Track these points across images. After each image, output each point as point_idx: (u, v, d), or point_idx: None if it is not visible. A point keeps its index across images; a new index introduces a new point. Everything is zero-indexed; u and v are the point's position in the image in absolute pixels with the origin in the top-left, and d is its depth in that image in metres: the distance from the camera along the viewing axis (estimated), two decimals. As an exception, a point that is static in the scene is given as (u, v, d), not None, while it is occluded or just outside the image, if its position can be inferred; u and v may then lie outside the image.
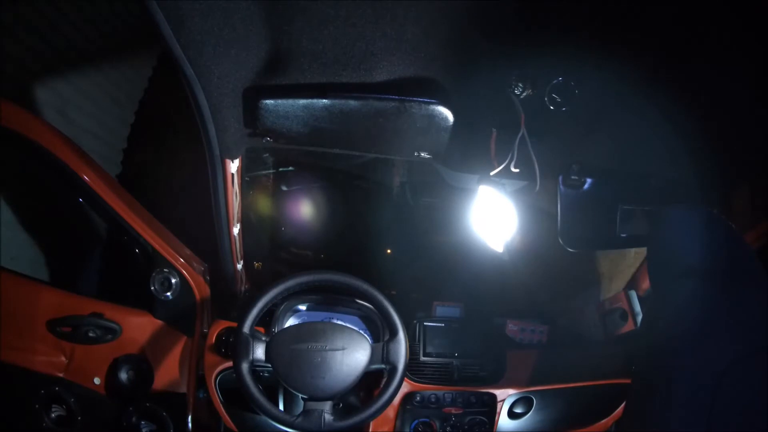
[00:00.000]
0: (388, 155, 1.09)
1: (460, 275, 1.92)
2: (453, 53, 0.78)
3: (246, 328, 1.10)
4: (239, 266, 1.31)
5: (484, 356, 1.40)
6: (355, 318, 1.40)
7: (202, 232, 1.24)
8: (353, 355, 1.09)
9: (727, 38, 0.71)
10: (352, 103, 0.85)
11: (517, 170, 0.94)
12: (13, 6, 1.61)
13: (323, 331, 1.10)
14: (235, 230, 1.18)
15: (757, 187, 0.97)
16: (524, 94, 0.88)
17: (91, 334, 1.27)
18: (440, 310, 1.49)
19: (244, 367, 1.07)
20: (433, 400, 1.37)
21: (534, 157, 0.93)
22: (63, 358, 1.29)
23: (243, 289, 1.42)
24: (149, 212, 1.30)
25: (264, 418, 1.14)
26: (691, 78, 0.82)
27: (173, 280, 1.28)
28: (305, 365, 1.07)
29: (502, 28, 0.73)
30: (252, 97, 0.85)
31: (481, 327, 1.45)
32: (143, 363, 1.31)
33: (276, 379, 1.15)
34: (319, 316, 1.39)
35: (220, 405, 1.32)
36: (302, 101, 0.85)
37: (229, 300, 1.38)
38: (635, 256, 1.49)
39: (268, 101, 0.85)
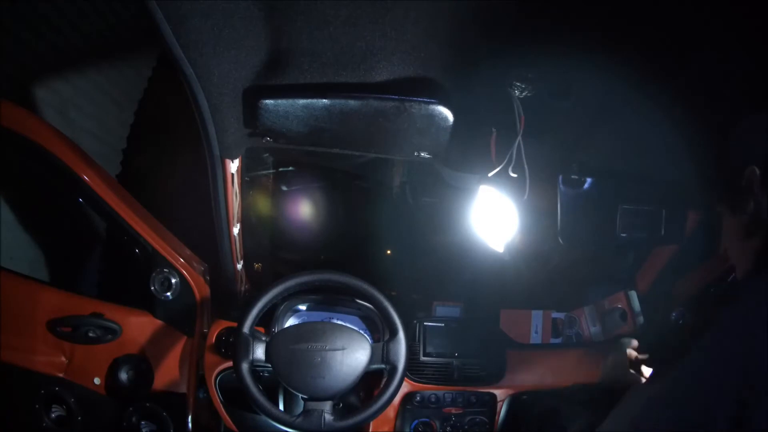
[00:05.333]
0: (388, 155, 1.09)
1: (460, 275, 1.92)
2: (453, 53, 0.78)
3: (246, 328, 1.10)
4: (239, 266, 1.30)
5: (484, 356, 1.40)
6: (355, 318, 1.40)
7: (202, 232, 1.24)
8: (353, 355, 1.09)
9: (729, 37, 0.71)
10: (352, 103, 0.85)
11: (515, 175, 0.94)
12: (13, 6, 1.61)
13: (323, 331, 1.11)
14: (235, 230, 1.18)
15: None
16: (524, 93, 0.88)
17: (91, 334, 1.27)
18: (440, 310, 1.49)
19: (244, 367, 1.07)
20: (433, 400, 1.37)
21: (526, 166, 0.93)
22: (63, 358, 1.29)
23: (243, 289, 1.42)
24: (149, 212, 1.30)
25: (264, 418, 1.14)
26: (692, 78, 0.82)
27: (173, 280, 1.28)
28: (305, 365, 1.07)
29: (502, 27, 0.73)
30: (252, 97, 0.85)
31: (481, 327, 1.45)
32: (143, 363, 1.30)
33: (276, 379, 1.15)
34: (319, 316, 1.39)
35: (220, 405, 1.32)
36: (302, 101, 0.85)
37: (229, 300, 1.38)
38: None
39: (268, 101, 0.85)
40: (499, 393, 1.39)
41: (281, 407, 1.35)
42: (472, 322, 1.45)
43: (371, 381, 1.30)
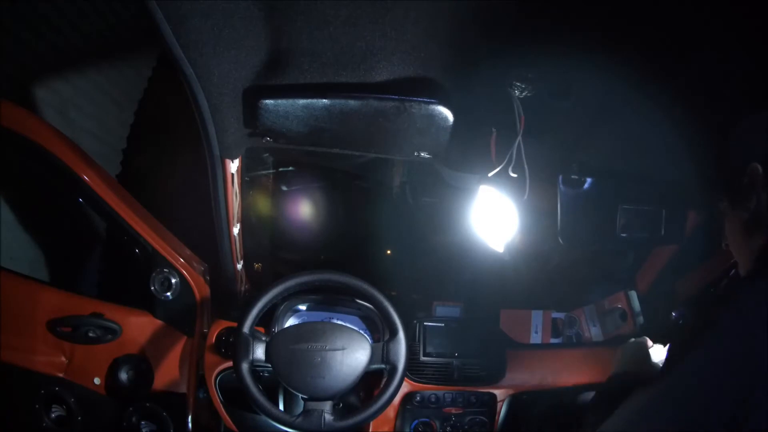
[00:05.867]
0: (388, 155, 1.09)
1: (460, 275, 1.92)
2: (453, 53, 0.78)
3: (246, 328, 1.10)
4: (239, 266, 1.30)
5: (484, 356, 1.40)
6: (355, 318, 1.40)
7: (202, 232, 1.24)
8: (353, 355, 1.09)
9: (729, 37, 0.71)
10: (352, 103, 0.85)
11: (515, 175, 0.94)
12: (13, 6, 1.61)
13: (323, 331, 1.11)
14: (235, 230, 1.18)
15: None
16: (524, 93, 0.88)
17: (91, 334, 1.27)
18: (440, 310, 1.49)
19: (244, 367, 1.07)
20: (433, 400, 1.37)
21: (526, 166, 0.93)
22: (63, 358, 1.29)
23: (243, 289, 1.42)
24: (149, 212, 1.30)
25: (264, 418, 1.14)
26: (693, 78, 0.82)
27: (173, 280, 1.28)
28: (305, 365, 1.07)
29: (502, 27, 0.73)
30: (252, 97, 0.85)
31: (481, 327, 1.45)
32: (143, 363, 1.30)
33: (276, 379, 1.15)
34: (319, 316, 1.39)
35: (220, 405, 1.32)
36: (302, 101, 0.85)
37: (229, 300, 1.38)
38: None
39: (268, 101, 0.85)
40: (499, 393, 1.39)
41: (281, 407, 1.35)
42: (472, 322, 1.45)
43: (371, 381, 1.30)
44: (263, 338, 1.12)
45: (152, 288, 1.28)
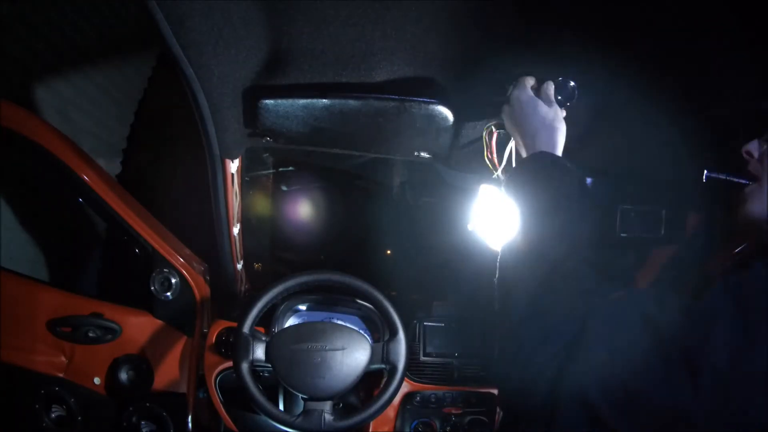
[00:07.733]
0: (388, 155, 1.09)
1: (460, 275, 1.92)
2: (453, 53, 0.78)
3: (246, 328, 1.10)
4: (239, 266, 1.31)
5: (484, 356, 1.40)
6: (355, 318, 1.40)
7: (202, 232, 1.24)
8: (353, 355, 1.09)
9: (728, 38, 0.71)
10: (352, 103, 0.85)
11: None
12: (13, 5, 1.61)
13: (323, 331, 1.11)
14: (235, 230, 1.18)
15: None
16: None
17: (91, 334, 1.27)
18: (440, 309, 1.49)
19: (244, 367, 1.07)
20: (433, 400, 1.36)
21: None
22: (63, 358, 1.29)
23: (243, 289, 1.42)
24: (149, 212, 1.30)
25: (264, 418, 1.14)
26: (692, 79, 0.82)
27: (173, 280, 1.28)
28: (305, 365, 1.07)
29: (503, 27, 0.73)
30: (252, 97, 0.85)
31: (481, 326, 1.45)
32: (143, 363, 1.31)
33: (276, 379, 1.15)
34: (319, 316, 1.39)
35: (220, 405, 1.32)
36: (302, 101, 0.85)
37: (229, 300, 1.38)
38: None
39: (268, 101, 0.85)
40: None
41: (281, 407, 1.35)
42: (472, 322, 1.45)
43: (371, 381, 1.30)
44: (263, 338, 1.12)
45: (152, 288, 1.28)
